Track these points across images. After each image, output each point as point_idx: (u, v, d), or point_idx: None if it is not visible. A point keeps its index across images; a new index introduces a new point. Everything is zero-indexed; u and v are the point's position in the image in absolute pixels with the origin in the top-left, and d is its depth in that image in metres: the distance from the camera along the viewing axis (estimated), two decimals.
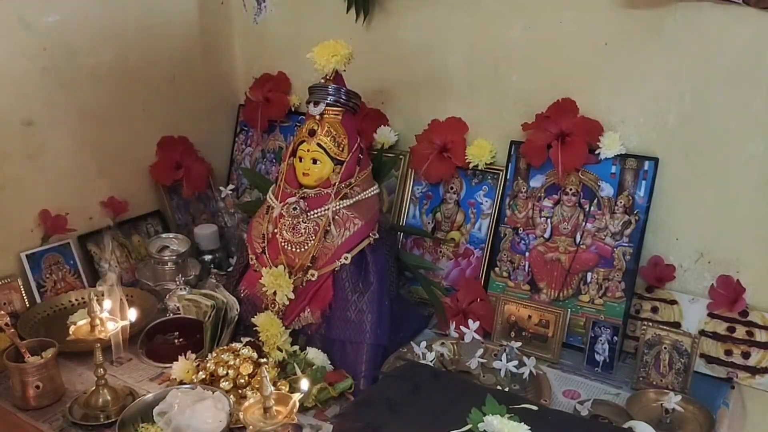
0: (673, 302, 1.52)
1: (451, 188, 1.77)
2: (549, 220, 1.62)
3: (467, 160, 1.71)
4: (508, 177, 1.68)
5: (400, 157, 1.84)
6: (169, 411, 1.25)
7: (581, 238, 1.58)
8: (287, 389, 1.30)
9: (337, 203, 1.50)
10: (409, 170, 1.82)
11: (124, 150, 1.89)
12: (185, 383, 1.37)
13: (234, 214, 2.02)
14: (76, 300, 1.72)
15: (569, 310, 1.57)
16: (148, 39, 1.89)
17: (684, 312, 1.50)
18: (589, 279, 1.57)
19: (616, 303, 1.54)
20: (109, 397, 1.36)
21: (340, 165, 1.51)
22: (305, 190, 1.52)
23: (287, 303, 1.49)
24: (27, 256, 1.69)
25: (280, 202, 1.53)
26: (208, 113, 2.10)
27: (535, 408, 1.19)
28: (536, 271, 1.63)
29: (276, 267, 1.49)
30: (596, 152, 1.56)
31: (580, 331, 1.57)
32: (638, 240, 1.52)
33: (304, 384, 1.21)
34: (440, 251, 1.78)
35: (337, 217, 1.49)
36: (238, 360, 1.38)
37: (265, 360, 1.41)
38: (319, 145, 1.50)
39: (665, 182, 1.52)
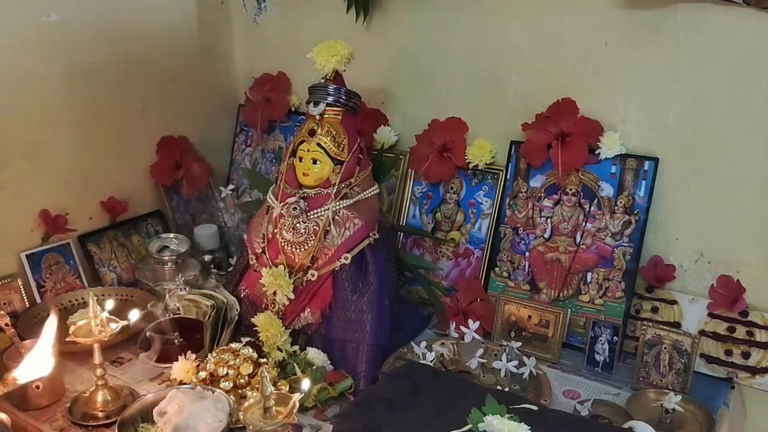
0: (673, 302, 1.52)
1: (451, 188, 1.77)
2: (549, 220, 1.62)
3: (467, 160, 1.71)
4: (508, 177, 1.68)
5: (400, 157, 1.84)
6: (169, 411, 1.25)
7: (581, 238, 1.58)
8: (287, 389, 1.30)
9: (337, 203, 1.50)
10: (409, 170, 1.82)
11: (124, 150, 1.89)
12: (185, 383, 1.37)
13: (234, 214, 2.02)
14: (76, 300, 1.72)
15: (569, 310, 1.57)
16: (148, 39, 1.89)
17: (684, 312, 1.51)
18: (589, 279, 1.57)
19: (616, 303, 1.54)
20: (109, 397, 1.36)
21: (340, 165, 1.51)
22: (305, 190, 1.52)
23: (287, 303, 1.49)
24: (27, 256, 1.69)
25: (280, 202, 1.53)
26: (208, 113, 2.10)
27: (535, 408, 1.19)
28: (536, 271, 1.63)
29: (276, 267, 1.49)
30: (596, 152, 1.56)
31: (580, 331, 1.57)
32: (638, 240, 1.53)
33: (305, 384, 1.21)
34: (440, 251, 1.78)
35: (337, 217, 1.49)
36: (238, 360, 1.38)
37: (265, 360, 1.42)
38: (319, 145, 1.50)
39: (665, 182, 1.52)
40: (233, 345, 1.45)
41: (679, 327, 1.49)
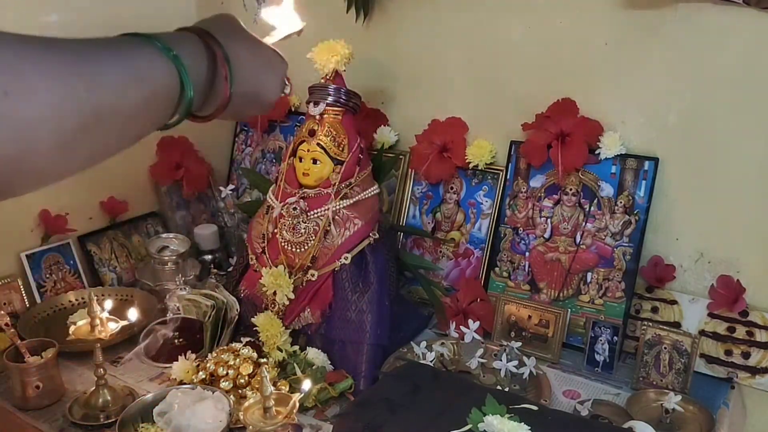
0: (673, 302, 1.52)
1: (451, 188, 1.77)
2: (549, 220, 1.62)
3: (467, 160, 1.71)
4: (508, 177, 1.68)
5: (400, 157, 1.84)
6: (169, 411, 1.25)
7: (581, 238, 1.58)
8: (287, 389, 1.30)
9: (337, 203, 1.50)
10: (409, 170, 1.82)
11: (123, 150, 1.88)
12: (185, 383, 1.37)
13: (234, 214, 2.02)
14: (76, 300, 1.72)
15: (569, 310, 1.57)
16: None
17: (684, 312, 1.51)
18: (589, 279, 1.57)
19: (616, 303, 1.54)
20: (109, 397, 1.36)
21: (340, 165, 1.51)
22: (305, 190, 1.52)
23: (287, 303, 1.49)
24: (27, 256, 1.69)
25: (280, 202, 1.53)
26: None
27: (535, 408, 1.19)
28: (536, 271, 1.63)
29: (276, 267, 1.49)
30: (596, 152, 1.56)
31: (580, 331, 1.57)
32: (638, 240, 1.52)
33: (306, 384, 1.21)
34: (440, 251, 1.78)
35: (337, 217, 1.49)
36: (238, 360, 1.38)
37: (265, 360, 1.42)
38: (319, 145, 1.50)
39: (665, 182, 1.52)
40: (233, 345, 1.45)
41: (679, 327, 1.49)
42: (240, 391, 1.34)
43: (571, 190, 1.59)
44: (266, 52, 0.84)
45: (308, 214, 1.50)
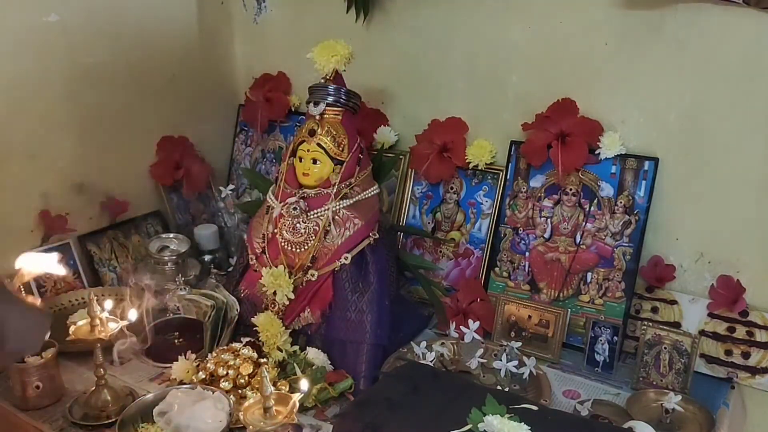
0: (673, 302, 1.52)
1: (451, 188, 1.77)
2: (549, 220, 1.62)
3: (467, 160, 1.71)
4: (508, 177, 1.68)
5: (400, 157, 1.84)
6: (169, 411, 1.25)
7: (581, 238, 1.58)
8: (287, 389, 1.30)
9: (337, 203, 1.50)
10: (409, 170, 1.82)
11: (124, 150, 1.89)
12: (185, 383, 1.37)
13: (234, 214, 2.02)
14: (76, 300, 1.72)
15: (569, 310, 1.57)
16: (148, 39, 1.89)
17: (684, 312, 1.51)
18: (589, 279, 1.57)
19: (616, 303, 1.54)
20: (109, 397, 1.36)
21: (340, 165, 1.51)
22: (305, 190, 1.52)
23: (287, 303, 1.49)
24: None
25: (280, 202, 1.53)
26: (208, 113, 2.10)
27: (535, 408, 1.19)
28: (536, 271, 1.63)
29: (276, 267, 1.49)
30: (596, 152, 1.56)
31: (580, 331, 1.57)
32: (638, 240, 1.53)
33: (304, 384, 1.21)
34: (440, 251, 1.78)
35: (337, 217, 1.49)
36: (238, 360, 1.38)
37: (265, 360, 1.42)
38: (319, 145, 1.50)
39: (665, 182, 1.52)
40: (233, 345, 1.45)
41: (679, 327, 1.49)
42: (240, 391, 1.34)
43: (571, 190, 1.59)
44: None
45: (308, 214, 1.50)
